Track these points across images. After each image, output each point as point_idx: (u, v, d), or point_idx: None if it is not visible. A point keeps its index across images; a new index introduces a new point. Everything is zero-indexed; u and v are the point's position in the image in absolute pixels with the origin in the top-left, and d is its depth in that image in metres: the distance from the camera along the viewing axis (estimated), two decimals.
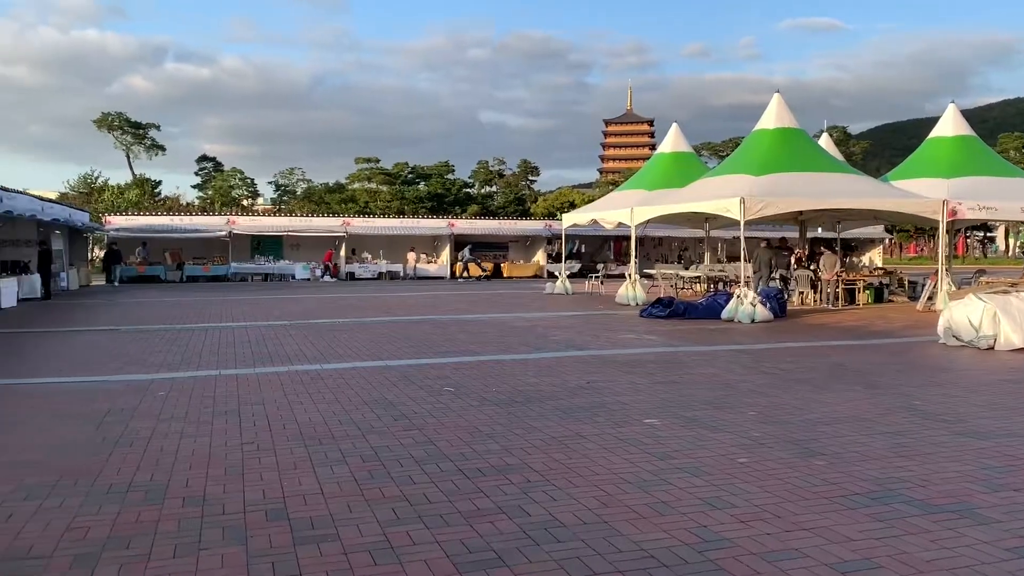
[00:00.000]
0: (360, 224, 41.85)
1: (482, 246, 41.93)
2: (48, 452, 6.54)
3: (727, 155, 39.32)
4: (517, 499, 5.29)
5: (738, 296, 18.03)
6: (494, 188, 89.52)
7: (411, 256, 40.56)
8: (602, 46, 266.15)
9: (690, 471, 5.95)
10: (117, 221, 38.88)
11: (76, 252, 34.84)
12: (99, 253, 37.53)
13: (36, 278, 25.20)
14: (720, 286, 24.83)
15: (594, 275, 30.98)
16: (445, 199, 79.81)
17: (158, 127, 78.43)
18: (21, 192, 25.86)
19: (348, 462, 6.23)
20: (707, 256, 29.73)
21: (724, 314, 17.98)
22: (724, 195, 19.12)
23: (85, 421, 7.67)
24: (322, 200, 72.90)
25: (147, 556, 4.34)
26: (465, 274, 39.52)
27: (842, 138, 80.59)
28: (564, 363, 11.43)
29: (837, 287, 22.00)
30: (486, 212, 70.39)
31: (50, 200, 31.25)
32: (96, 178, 66.44)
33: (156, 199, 64.40)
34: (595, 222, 27.48)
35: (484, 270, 40.13)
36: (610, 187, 72.33)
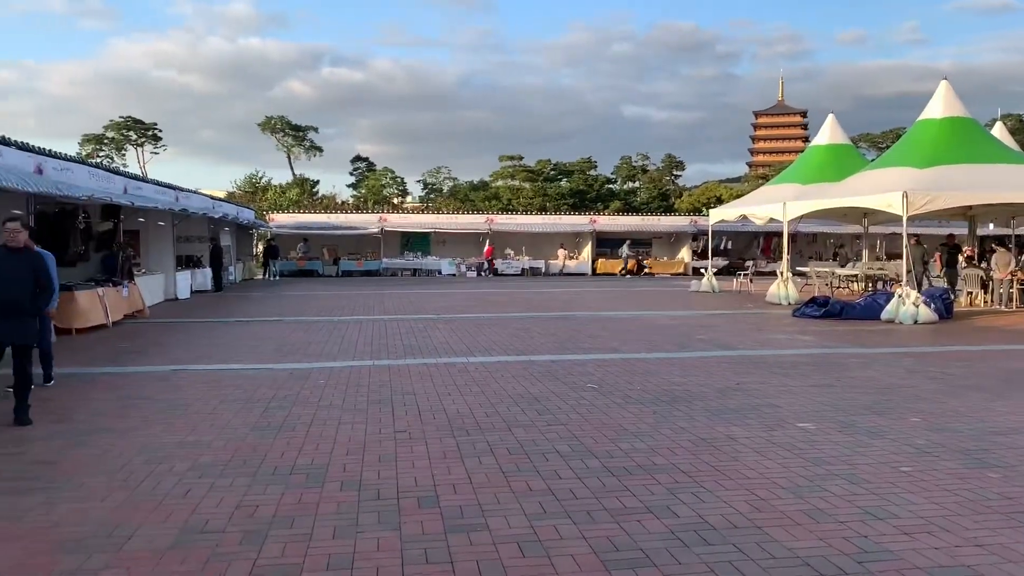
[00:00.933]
0: (503, 221, 42.48)
1: (623, 243, 41.55)
2: (218, 434, 7.02)
3: (887, 147, 37.10)
4: (665, 499, 5.22)
5: (900, 296, 17.02)
6: (637, 184, 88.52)
7: (561, 253, 40.75)
8: (751, 35, 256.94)
9: (848, 478, 5.67)
10: (279, 219, 41.28)
11: (242, 247, 37.21)
12: (261, 249, 39.76)
13: (207, 271, 27.11)
14: (879, 285, 23.52)
15: (742, 273, 30.09)
16: (587, 195, 79.68)
17: (316, 129, 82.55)
18: (195, 192, 27.89)
19: (495, 453, 6.34)
20: (865, 253, 28.23)
21: (884, 315, 17.02)
22: (885, 189, 18.08)
23: (252, 406, 8.19)
24: (467, 197, 74.52)
25: (309, 536, 4.58)
26: (623, 271, 39.13)
27: (1017, 126, 74.40)
28: (711, 363, 11.16)
29: (1011, 287, 20.36)
30: (629, 208, 69.73)
31: (219, 199, 33.56)
32: (260, 178, 70.73)
33: (314, 198, 67.83)
34: (744, 218, 26.67)
35: (633, 266, 39.63)
36: (760, 181, 69.96)
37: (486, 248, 39.79)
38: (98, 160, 35.92)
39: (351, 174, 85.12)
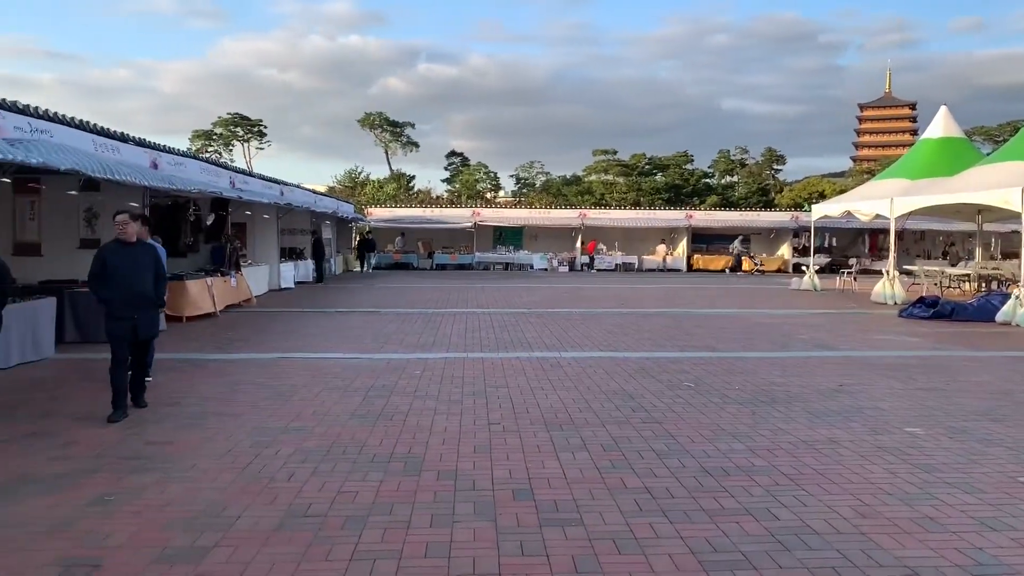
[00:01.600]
0: (596, 216, 42.18)
1: (721, 238, 40.67)
2: (320, 420, 7.23)
3: (1004, 140, 35.05)
4: (764, 502, 5.09)
5: (1017, 297, 16.11)
6: (735, 178, 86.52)
7: (660, 249, 40.19)
8: (856, 25, 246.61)
9: (960, 487, 5.41)
10: (377, 213, 42.17)
11: (342, 240, 38.22)
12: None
13: (310, 263, 27.99)
14: (994, 286, 22.31)
15: (846, 271, 29.05)
16: (683, 190, 78.36)
17: (413, 125, 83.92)
18: (298, 186, 28.79)
19: (589, 449, 6.32)
20: (978, 252, 26.83)
21: (999, 317, 16.15)
22: (1002, 185, 17.13)
23: (352, 394, 8.41)
24: (559, 192, 74.43)
25: (407, 524, 4.68)
26: (733, 268, 38.16)
27: None
28: (812, 363, 10.83)
29: None
30: (726, 203, 68.23)
31: (321, 193, 34.54)
32: (359, 173, 72.49)
33: (410, 192, 69.07)
34: (848, 214, 25.71)
35: (751, 267, 38.35)
36: (865, 176, 67.33)
37: (589, 243, 39.50)
38: (208, 155, 37.52)
39: (446, 168, 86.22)
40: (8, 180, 13.56)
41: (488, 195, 76.03)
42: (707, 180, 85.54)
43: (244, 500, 5.06)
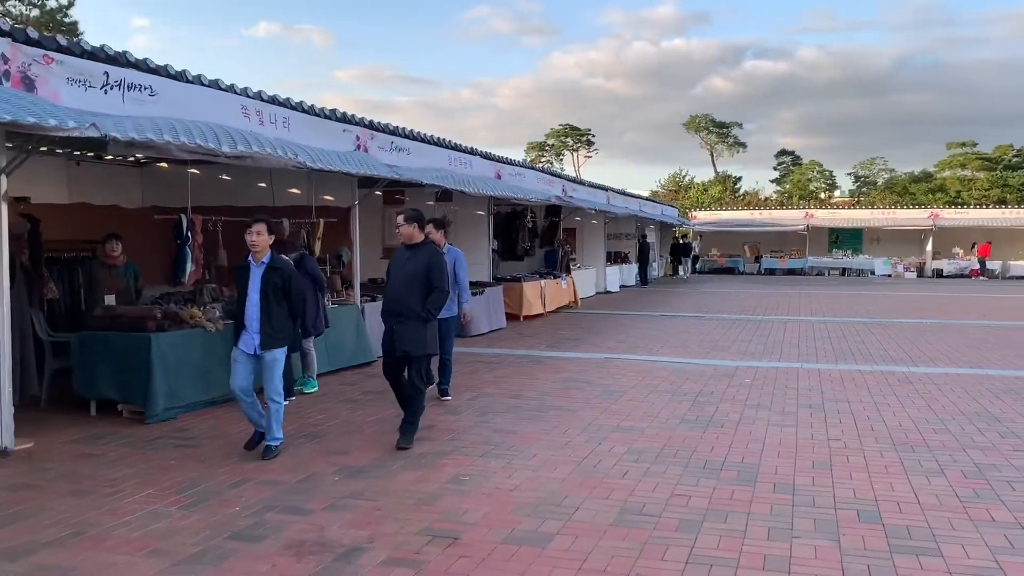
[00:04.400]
0: (951, 216, 37.88)
1: None
2: (650, 422, 7.34)
3: None
4: None
5: None
6: None
7: None
8: None
9: None
10: (701, 216, 41.79)
11: (664, 244, 38.40)
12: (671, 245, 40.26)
13: (633, 267, 28.54)
14: None
15: None
16: None
17: (740, 125, 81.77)
18: (621, 192, 29.46)
19: (946, 474, 5.72)
20: None
21: None
22: None
23: (680, 398, 8.42)
24: (905, 190, 67.94)
25: (742, 533, 4.59)
26: None
27: None
28: None
29: None
30: None
31: (644, 198, 34.98)
32: (683, 177, 72.30)
33: (736, 194, 67.43)
34: None
35: None
36: None
37: (980, 246, 35.01)
38: (541, 165, 39.81)
39: (774, 169, 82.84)
40: (379, 193, 15.52)
41: (822, 195, 71.70)
42: None
43: (582, 492, 5.31)
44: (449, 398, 8.30)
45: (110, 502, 5.09)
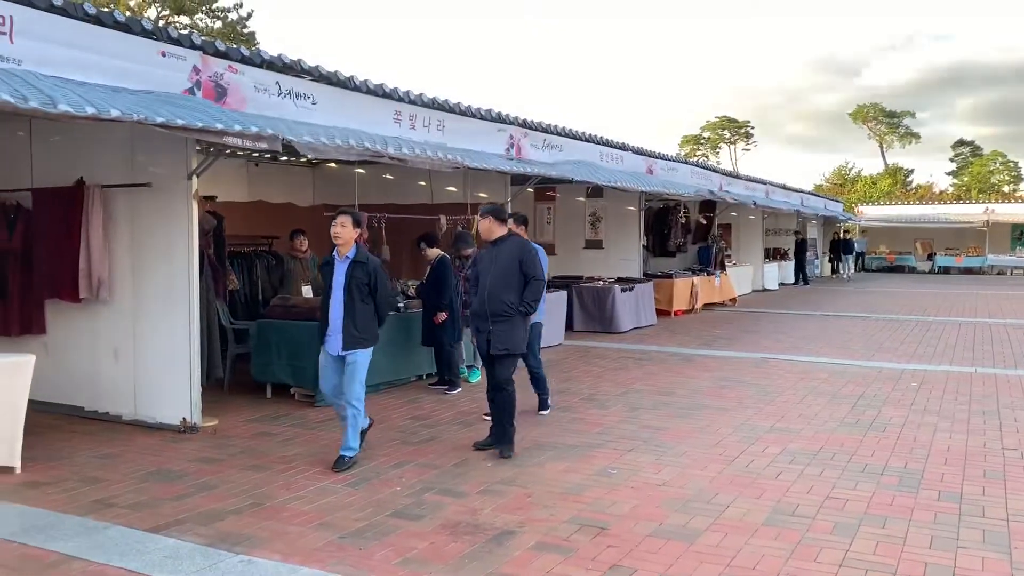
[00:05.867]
0: None
1: None
2: (807, 423, 7.13)
3: None
4: None
5: None
6: None
7: None
8: None
9: None
10: (868, 211, 39.62)
11: (827, 241, 36.59)
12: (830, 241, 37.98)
13: (792, 264, 27.44)
14: None
15: None
16: None
17: (912, 114, 76.81)
18: (782, 186, 28.41)
19: None
20: None
21: None
22: None
23: (839, 400, 8.12)
24: None
25: (902, 540, 4.42)
26: None
27: None
28: None
29: None
30: None
31: (807, 192, 33.53)
32: (849, 169, 68.73)
33: (907, 188, 63.41)
34: None
35: None
36: None
37: None
38: (696, 159, 38.95)
39: (951, 160, 77.29)
40: (531, 190, 15.79)
41: (1005, 188, 66.22)
42: None
43: (732, 490, 5.26)
44: (548, 411, 7.52)
45: (284, 477, 5.54)
